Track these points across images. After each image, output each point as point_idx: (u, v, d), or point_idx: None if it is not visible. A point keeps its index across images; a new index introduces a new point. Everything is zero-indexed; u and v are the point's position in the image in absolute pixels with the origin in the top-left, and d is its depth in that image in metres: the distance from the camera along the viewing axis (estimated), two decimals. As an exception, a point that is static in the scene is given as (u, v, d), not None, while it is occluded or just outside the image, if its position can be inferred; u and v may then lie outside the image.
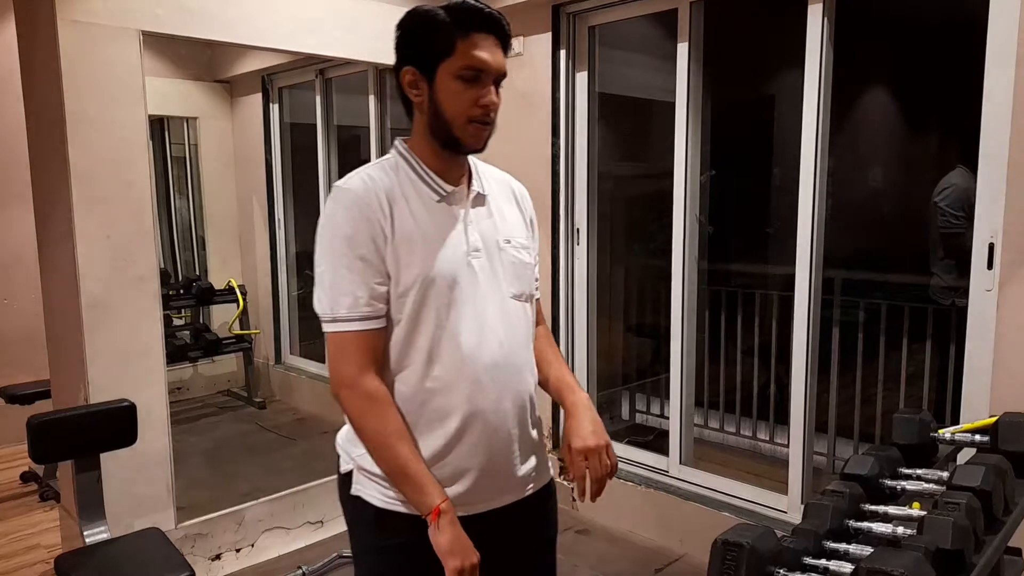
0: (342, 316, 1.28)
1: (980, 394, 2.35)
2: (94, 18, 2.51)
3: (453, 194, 1.36)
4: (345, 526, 1.47)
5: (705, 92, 3.15)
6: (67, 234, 2.55)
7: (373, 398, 1.28)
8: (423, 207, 1.33)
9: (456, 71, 1.27)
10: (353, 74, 4.50)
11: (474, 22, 1.28)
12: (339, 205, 1.31)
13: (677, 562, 3.10)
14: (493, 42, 1.29)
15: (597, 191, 3.54)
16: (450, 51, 1.27)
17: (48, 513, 3.54)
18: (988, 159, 2.29)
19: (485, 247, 1.37)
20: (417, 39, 1.31)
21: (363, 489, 1.38)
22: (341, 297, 1.28)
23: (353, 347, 1.29)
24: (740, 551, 1.16)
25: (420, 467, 1.26)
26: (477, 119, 1.30)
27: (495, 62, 1.29)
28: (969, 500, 1.30)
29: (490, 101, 1.30)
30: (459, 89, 1.28)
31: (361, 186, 1.31)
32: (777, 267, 4.42)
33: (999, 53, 2.24)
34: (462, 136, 1.31)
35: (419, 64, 1.30)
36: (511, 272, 1.39)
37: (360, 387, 1.28)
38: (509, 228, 1.42)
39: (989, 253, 2.30)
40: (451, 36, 1.27)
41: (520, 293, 1.41)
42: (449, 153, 1.35)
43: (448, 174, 1.37)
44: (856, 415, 3.71)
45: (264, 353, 5.28)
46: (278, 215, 5.08)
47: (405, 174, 1.35)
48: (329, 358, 1.32)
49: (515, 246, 1.41)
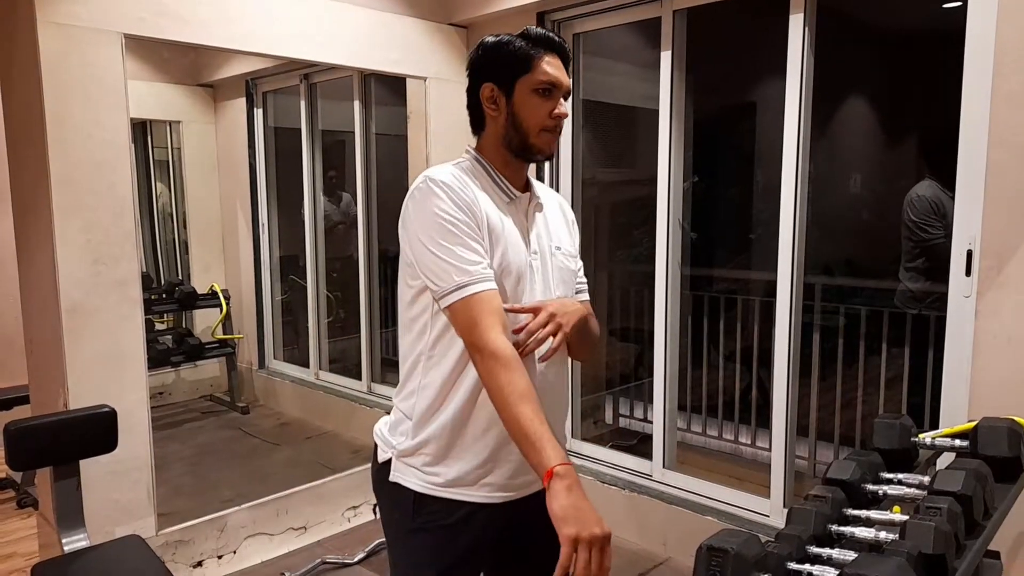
0: (466, 281, 1.35)
1: (959, 399, 2.38)
2: (75, 21, 2.49)
3: (520, 199, 1.51)
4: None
5: (688, 99, 3.18)
6: (47, 237, 2.52)
7: (498, 358, 1.31)
8: (496, 207, 1.46)
9: (533, 86, 1.44)
10: (338, 79, 4.49)
11: (544, 44, 1.46)
12: (436, 192, 1.40)
13: (661, 566, 3.11)
14: (560, 62, 1.47)
15: (581, 197, 3.54)
16: (528, 68, 1.44)
17: (26, 520, 3.49)
18: (966, 166, 2.31)
19: (541, 250, 1.52)
20: (497, 59, 1.47)
21: (402, 476, 1.48)
22: (462, 265, 1.36)
23: (481, 309, 1.34)
24: (725, 557, 1.17)
25: (539, 428, 1.25)
26: (550, 129, 1.46)
27: (564, 79, 1.47)
28: (950, 505, 1.31)
29: (562, 112, 1.46)
30: (536, 102, 1.44)
31: (451, 178, 1.42)
32: (759, 272, 4.46)
33: (976, 62, 2.27)
34: (537, 143, 1.47)
35: (498, 81, 1.46)
36: (559, 276, 1.54)
37: (488, 347, 1.32)
38: (560, 236, 1.58)
39: (967, 260, 2.33)
40: (528, 56, 1.44)
41: (564, 296, 1.54)
42: (519, 162, 1.51)
43: (515, 181, 1.52)
44: (837, 419, 3.75)
45: (247, 358, 5.24)
46: (262, 219, 5.05)
47: (483, 176, 1.49)
48: (461, 329, 1.36)
49: (564, 253, 1.57)
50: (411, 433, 1.48)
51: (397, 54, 3.41)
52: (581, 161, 3.52)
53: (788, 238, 2.80)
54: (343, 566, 3.04)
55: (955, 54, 2.30)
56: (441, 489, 1.45)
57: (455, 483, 1.45)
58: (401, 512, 1.49)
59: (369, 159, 4.31)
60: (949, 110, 2.34)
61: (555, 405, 1.52)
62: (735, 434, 4.10)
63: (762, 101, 5.04)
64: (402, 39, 3.42)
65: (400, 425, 1.51)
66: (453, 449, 1.45)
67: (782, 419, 2.91)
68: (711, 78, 4.31)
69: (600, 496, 3.37)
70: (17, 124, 2.68)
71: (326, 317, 4.91)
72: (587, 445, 3.63)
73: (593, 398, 4.35)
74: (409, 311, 1.48)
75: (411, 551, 1.50)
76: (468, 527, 1.46)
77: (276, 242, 5.10)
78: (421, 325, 1.46)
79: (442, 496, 1.45)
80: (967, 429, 1.72)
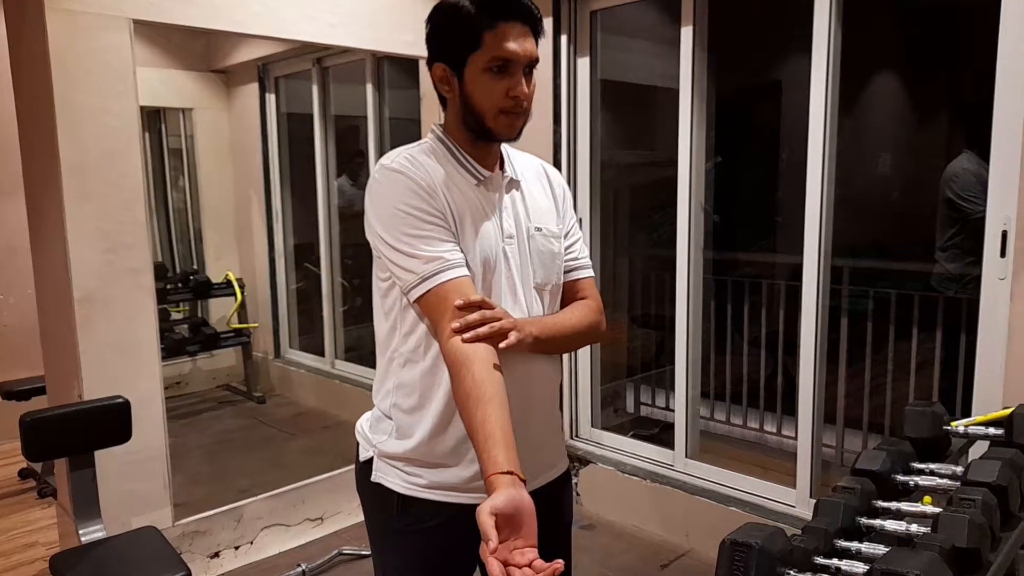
0: (432, 270, 1.24)
1: (992, 385, 2.30)
2: (83, 7, 2.46)
3: (490, 179, 1.37)
4: (358, 517, 1.51)
5: (710, 78, 3.09)
6: (58, 227, 2.51)
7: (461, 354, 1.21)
8: (463, 191, 1.33)
9: (484, 64, 1.26)
10: (350, 63, 4.45)
11: (500, 11, 1.25)
12: (391, 183, 1.29)
13: (683, 557, 3.05)
14: (521, 30, 1.27)
15: (600, 180, 3.48)
16: (477, 44, 1.25)
17: (46, 510, 3.51)
18: (1001, 144, 2.23)
19: (517, 233, 1.38)
20: (444, 34, 1.30)
21: (384, 476, 1.40)
22: (427, 253, 1.25)
23: (451, 300, 1.23)
24: (749, 552, 1.12)
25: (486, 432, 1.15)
26: (508, 110, 1.29)
27: (524, 51, 1.27)
28: (985, 496, 1.27)
29: (520, 92, 1.28)
30: (489, 82, 1.27)
31: (406, 162, 1.30)
32: (784, 256, 4.37)
33: (1012, 34, 2.17)
34: (495, 127, 1.31)
35: (448, 59, 1.30)
36: (537, 260, 1.40)
37: (452, 343, 1.22)
38: (540, 215, 1.42)
39: (1002, 240, 2.25)
40: (477, 29, 1.25)
41: (545, 283, 1.41)
42: (483, 142, 1.35)
43: (484, 160, 1.37)
44: (865, 406, 3.66)
45: (263, 347, 5.25)
46: (275, 207, 5.04)
47: (445, 158, 1.35)
48: (432, 319, 1.27)
49: (545, 234, 1.41)
50: (392, 432, 1.39)
51: (411, 36, 3.35)
52: (599, 143, 3.45)
53: (814, 220, 2.72)
54: (360, 557, 3.02)
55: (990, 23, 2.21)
56: (424, 491, 1.36)
57: (439, 485, 1.36)
58: (384, 515, 1.41)
59: (383, 144, 4.27)
60: (987, 81, 2.24)
61: (544, 395, 1.43)
62: (760, 422, 4.03)
63: (787, 79, 4.92)
64: (415, 21, 3.36)
65: (380, 423, 1.42)
66: (436, 451, 1.35)
67: (809, 406, 2.83)
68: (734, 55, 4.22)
69: (621, 486, 3.32)
70: (28, 112, 2.67)
71: (341, 305, 4.89)
72: (607, 434, 3.57)
73: (613, 386, 4.30)
74: (382, 305, 1.39)
75: (396, 553, 1.43)
76: (453, 530, 1.34)
77: (290, 229, 5.10)
78: (393, 320, 1.37)
79: (426, 498, 1.36)
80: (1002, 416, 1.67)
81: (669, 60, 3.16)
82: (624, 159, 4.28)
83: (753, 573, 1.12)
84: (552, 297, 1.44)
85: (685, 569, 2.98)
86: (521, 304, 1.37)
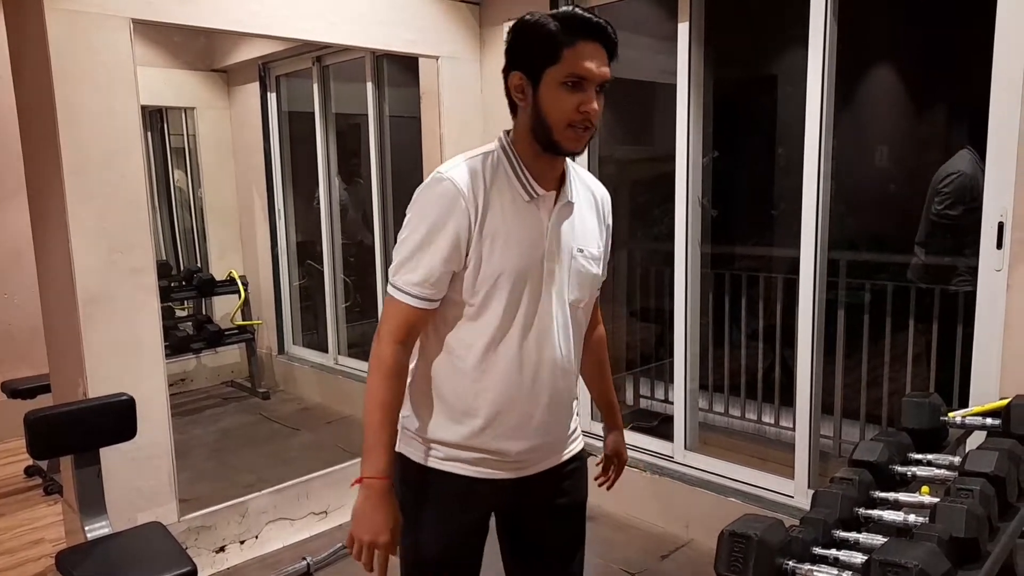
0: (400, 286, 1.38)
1: (989, 376, 2.31)
2: (83, 6, 2.47)
3: (543, 198, 1.42)
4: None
5: (706, 73, 3.10)
6: (61, 226, 2.52)
7: (382, 362, 1.39)
8: (513, 206, 1.39)
9: (561, 78, 1.33)
10: (351, 61, 4.45)
11: (581, 30, 1.33)
12: (434, 191, 1.37)
13: (683, 548, 3.08)
14: (597, 49, 1.34)
15: (599, 176, 3.48)
16: (556, 59, 1.32)
17: (52, 507, 3.53)
18: (998, 137, 2.24)
19: (560, 253, 1.44)
20: (526, 46, 1.36)
21: (407, 448, 1.51)
22: (410, 271, 1.37)
23: (399, 316, 1.39)
24: (748, 543, 1.14)
25: (379, 437, 1.38)
26: (577, 124, 1.35)
27: (598, 70, 1.34)
28: (982, 486, 1.27)
29: (590, 108, 1.35)
30: (562, 95, 1.33)
31: (459, 177, 1.37)
32: (782, 249, 4.38)
33: (1008, 27, 2.18)
34: (561, 139, 1.36)
35: (526, 69, 1.36)
36: (576, 280, 1.48)
37: (384, 350, 1.39)
38: (586, 237, 1.50)
39: (999, 232, 2.26)
40: (558, 45, 1.32)
41: (579, 300, 1.49)
42: (548, 155, 1.41)
43: (543, 177, 1.43)
44: (863, 397, 3.68)
45: (267, 344, 5.27)
46: (278, 205, 5.05)
47: (503, 170, 1.41)
48: (383, 314, 1.44)
49: (587, 256, 1.49)
50: (409, 408, 1.51)
51: (411, 34, 3.36)
52: (599, 139, 3.45)
53: (811, 214, 2.73)
54: (364, 550, 3.04)
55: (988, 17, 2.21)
56: (447, 463, 1.47)
57: (456, 458, 1.47)
58: (405, 485, 1.50)
59: (383, 142, 4.27)
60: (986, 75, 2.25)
61: (559, 411, 1.52)
62: (758, 414, 4.05)
63: (784, 73, 4.92)
64: (414, 18, 3.37)
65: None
66: (452, 428, 1.47)
67: (806, 397, 2.86)
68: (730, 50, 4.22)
69: (622, 478, 3.32)
70: (29, 113, 2.67)
71: (344, 302, 4.91)
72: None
73: (613, 379, 4.31)
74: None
75: (415, 523, 1.50)
76: (471, 502, 1.49)
77: (292, 227, 5.11)
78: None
79: (449, 471, 1.47)
80: (999, 407, 1.68)
81: (666, 55, 3.17)
82: (622, 154, 4.29)
83: (752, 564, 1.13)
84: (584, 313, 1.54)
85: (685, 560, 3.00)
86: (555, 318, 1.45)
